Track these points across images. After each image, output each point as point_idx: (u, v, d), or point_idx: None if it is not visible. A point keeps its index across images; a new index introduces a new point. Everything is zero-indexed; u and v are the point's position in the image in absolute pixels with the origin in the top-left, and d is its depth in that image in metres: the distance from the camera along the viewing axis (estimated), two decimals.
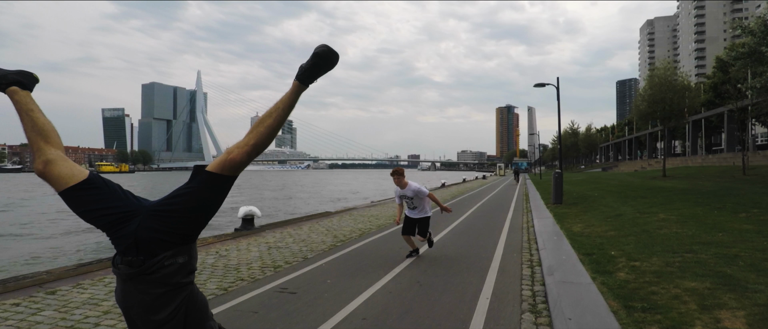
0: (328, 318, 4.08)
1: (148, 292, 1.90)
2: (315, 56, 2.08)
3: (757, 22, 14.30)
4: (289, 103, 2.07)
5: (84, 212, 1.91)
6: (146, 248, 1.86)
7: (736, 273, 4.65)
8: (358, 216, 13.31)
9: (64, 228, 16.27)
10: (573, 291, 4.55)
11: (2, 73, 2.06)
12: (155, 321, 1.94)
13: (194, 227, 1.96)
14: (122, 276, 1.90)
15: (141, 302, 1.91)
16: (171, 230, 1.89)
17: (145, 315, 1.93)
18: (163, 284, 1.91)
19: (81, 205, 1.90)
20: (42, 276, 6.23)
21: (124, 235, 1.87)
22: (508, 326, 3.82)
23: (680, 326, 3.32)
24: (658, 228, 8.03)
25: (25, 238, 14.57)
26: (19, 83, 2.07)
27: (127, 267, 1.86)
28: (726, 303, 3.73)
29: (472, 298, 4.65)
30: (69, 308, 4.53)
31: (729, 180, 19.10)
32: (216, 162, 1.98)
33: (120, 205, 1.91)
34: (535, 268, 5.97)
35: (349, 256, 7.10)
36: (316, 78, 2.14)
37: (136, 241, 1.85)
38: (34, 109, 2.04)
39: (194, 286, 2.08)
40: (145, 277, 1.87)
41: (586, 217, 10.80)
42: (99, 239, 13.29)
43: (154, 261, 1.87)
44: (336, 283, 5.38)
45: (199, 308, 2.10)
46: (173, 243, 1.92)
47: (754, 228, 7.29)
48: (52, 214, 21.07)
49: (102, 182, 1.96)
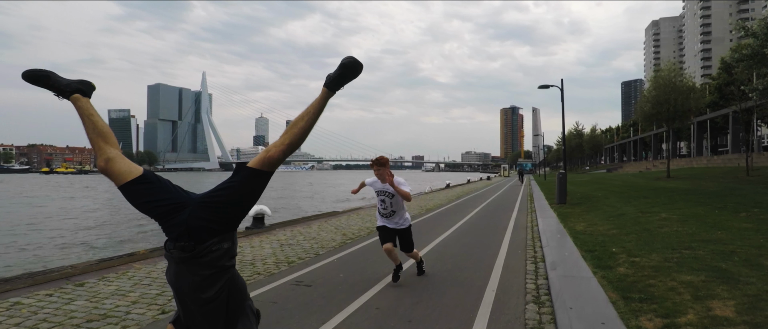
0: (344, 308, 4.35)
1: (197, 273, 2.18)
2: (342, 67, 2.35)
3: (759, 25, 14.47)
4: (319, 107, 2.35)
5: (140, 204, 2.19)
6: (197, 234, 2.14)
7: (731, 267, 4.88)
8: (365, 216, 13.57)
9: (70, 225, 16.65)
10: (575, 284, 4.79)
11: (66, 82, 2.34)
12: (203, 299, 2.22)
13: (237, 216, 2.24)
14: (175, 259, 2.18)
15: (191, 282, 2.19)
16: (218, 218, 2.17)
17: (194, 293, 2.21)
18: (210, 266, 2.20)
19: (138, 197, 2.18)
20: (67, 270, 6.54)
21: (176, 224, 2.15)
22: (513, 315, 4.07)
23: (673, 314, 3.56)
24: (659, 227, 8.25)
25: (31, 235, 14.94)
26: (81, 91, 2.35)
27: (181, 251, 2.14)
28: (718, 294, 3.97)
29: (479, 291, 4.90)
30: (99, 298, 4.82)
31: (733, 181, 19.23)
32: (256, 159, 2.26)
33: (171, 197, 2.19)
34: (538, 264, 6.21)
35: (359, 253, 7.36)
36: (342, 86, 2.42)
37: (187, 229, 2.13)
38: (93, 113, 2.31)
39: (235, 270, 2.36)
40: (196, 260, 2.15)
41: (589, 216, 11.02)
42: (98, 235, 13.63)
43: (204, 246, 2.15)
44: (348, 277, 5.64)
45: (240, 288, 2.38)
46: (219, 231, 2.20)
47: (752, 227, 7.50)
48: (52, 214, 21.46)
49: (155, 178, 2.24)
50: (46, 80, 2.28)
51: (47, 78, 2.28)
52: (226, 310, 2.31)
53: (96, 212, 22.89)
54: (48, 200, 31.51)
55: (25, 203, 28.92)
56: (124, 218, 19.03)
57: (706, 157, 45.16)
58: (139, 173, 2.20)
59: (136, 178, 2.18)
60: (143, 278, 5.76)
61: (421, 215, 13.46)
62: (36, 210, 24.13)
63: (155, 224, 2.24)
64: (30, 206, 26.59)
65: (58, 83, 2.31)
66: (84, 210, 24.11)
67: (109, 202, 29.51)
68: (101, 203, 29.51)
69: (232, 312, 2.34)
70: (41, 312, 4.35)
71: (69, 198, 33.81)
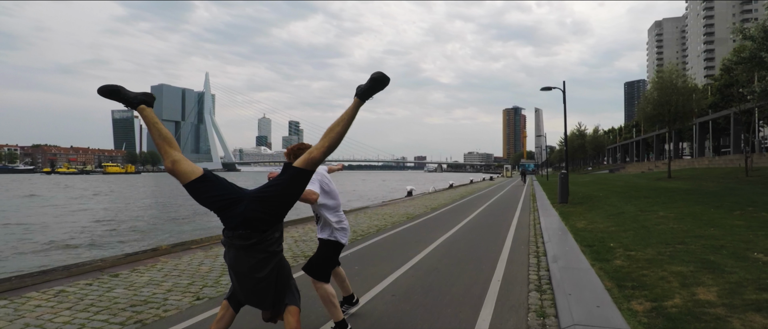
0: (362, 295, 4.75)
1: (253, 257, 2.60)
2: (372, 80, 2.77)
3: (757, 28, 14.81)
4: (351, 114, 2.78)
5: (202, 199, 2.61)
6: (252, 225, 2.56)
7: (719, 259, 5.27)
8: (372, 215, 13.98)
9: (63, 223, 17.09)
10: (574, 274, 5.19)
11: (133, 95, 2.76)
12: (257, 278, 2.65)
13: (284, 209, 2.67)
14: (235, 246, 2.60)
15: (248, 264, 2.62)
16: (269, 211, 2.59)
17: (249, 273, 2.64)
18: (264, 251, 2.62)
19: (200, 194, 2.60)
20: (98, 263, 6.97)
21: (233, 215, 2.57)
22: (517, 301, 4.47)
23: (661, 298, 3.96)
24: (656, 224, 8.63)
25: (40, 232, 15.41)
26: (145, 102, 2.77)
27: (239, 239, 2.56)
28: (703, 282, 4.36)
29: (485, 281, 5.30)
30: (136, 287, 5.25)
31: (732, 181, 19.56)
32: (301, 160, 2.68)
33: (228, 193, 2.61)
34: (540, 258, 6.61)
35: (370, 248, 7.77)
36: (371, 96, 2.84)
37: (244, 220, 2.55)
38: (157, 121, 2.73)
39: (282, 254, 2.79)
40: (252, 246, 2.57)
41: (590, 215, 11.40)
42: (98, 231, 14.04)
43: (263, 236, 2.58)
44: (362, 269, 6.05)
45: (286, 270, 2.81)
46: (270, 221, 2.62)
47: (745, 224, 7.88)
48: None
49: (213, 177, 2.66)
50: (117, 94, 2.70)
51: (118, 92, 2.69)
52: (275, 287, 2.73)
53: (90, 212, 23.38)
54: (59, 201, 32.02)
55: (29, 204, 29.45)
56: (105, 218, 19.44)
57: (708, 158, 45.39)
58: (200, 173, 2.62)
59: (198, 177, 2.60)
60: (172, 270, 6.18)
61: (426, 213, 13.86)
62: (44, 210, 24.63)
63: (145, 221, 2.66)
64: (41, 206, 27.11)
65: (127, 95, 2.72)
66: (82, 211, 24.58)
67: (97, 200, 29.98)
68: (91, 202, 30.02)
69: (280, 289, 2.76)
70: (87, 299, 4.78)
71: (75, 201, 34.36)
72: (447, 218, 12.59)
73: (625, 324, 3.43)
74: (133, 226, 17.27)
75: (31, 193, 39.99)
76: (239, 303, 2.86)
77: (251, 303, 2.79)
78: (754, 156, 31.92)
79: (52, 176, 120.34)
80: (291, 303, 2.77)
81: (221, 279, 5.66)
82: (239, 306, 2.88)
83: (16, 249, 12.14)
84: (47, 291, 5.10)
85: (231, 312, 2.86)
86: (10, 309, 4.43)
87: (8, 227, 17.13)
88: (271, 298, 2.74)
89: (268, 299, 2.74)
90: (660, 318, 3.52)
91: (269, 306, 2.77)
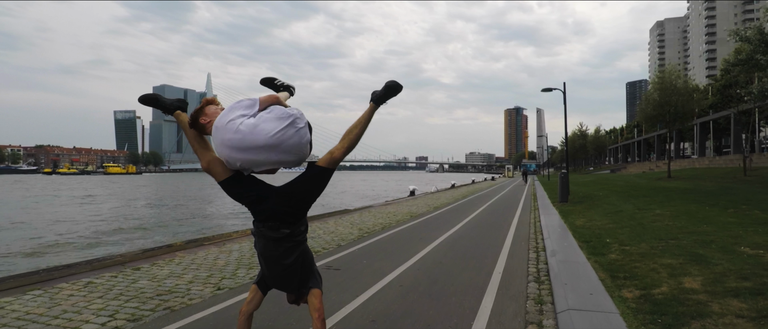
0: (371, 286, 5.09)
1: (281, 246, 2.94)
2: (386, 88, 3.10)
3: (753, 31, 15.11)
4: (367, 118, 3.11)
5: (234, 195, 2.94)
6: (279, 218, 2.89)
7: (707, 253, 5.59)
8: (376, 213, 14.31)
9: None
10: (571, 267, 5.51)
11: (169, 102, 3.09)
12: (284, 265, 2.99)
13: (307, 204, 2.99)
14: (264, 236, 2.93)
15: (276, 252, 2.95)
16: (293, 205, 2.92)
17: (277, 260, 2.97)
18: (291, 241, 2.96)
19: (232, 190, 2.93)
20: (118, 258, 7.32)
21: (262, 209, 2.90)
22: (517, 291, 4.80)
23: (650, 286, 4.28)
24: (652, 222, 8.94)
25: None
26: (180, 108, 3.10)
27: (269, 230, 2.89)
28: (690, 272, 4.69)
29: (487, 273, 5.63)
30: (158, 279, 5.59)
31: (730, 181, 19.84)
32: (323, 159, 3.01)
33: (256, 190, 2.94)
34: (540, 253, 6.93)
35: (377, 244, 8.11)
36: (385, 101, 3.17)
37: (272, 213, 2.88)
38: (188, 126, 3.05)
39: (306, 243, 3.12)
40: (281, 237, 2.91)
41: (589, 213, 11.71)
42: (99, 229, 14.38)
43: (292, 227, 2.91)
44: (371, 263, 6.38)
45: (309, 257, 3.15)
46: (295, 215, 2.94)
47: (736, 221, 8.19)
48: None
49: (244, 176, 2.98)
50: (155, 102, 3.04)
51: (156, 100, 3.04)
52: (300, 273, 3.07)
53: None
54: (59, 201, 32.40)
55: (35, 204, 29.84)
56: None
57: (709, 157, 45.62)
58: (232, 172, 2.95)
59: (230, 176, 2.93)
60: (189, 264, 6.52)
61: (429, 212, 14.18)
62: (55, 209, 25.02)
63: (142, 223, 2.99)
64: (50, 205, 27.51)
65: (164, 103, 3.07)
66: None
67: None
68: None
69: (304, 274, 3.10)
70: (115, 289, 5.12)
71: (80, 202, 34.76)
72: (450, 216, 12.92)
73: (614, 308, 3.76)
74: (139, 224, 17.64)
75: (88, 194, 40.27)
76: (267, 286, 3.20)
77: (278, 287, 3.12)
78: (753, 156, 32.17)
79: (53, 176, 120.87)
80: (314, 287, 3.10)
81: (238, 272, 6.00)
82: (267, 289, 3.21)
83: (62, 239, 12.51)
84: (76, 283, 5.45)
85: (260, 294, 3.19)
86: (46, 298, 4.77)
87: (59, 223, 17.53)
88: (296, 283, 3.07)
89: (293, 283, 3.07)
90: (647, 303, 3.85)
91: (294, 289, 3.10)
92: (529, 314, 4.02)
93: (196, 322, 3.97)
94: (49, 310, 4.36)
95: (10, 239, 14.04)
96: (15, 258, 10.92)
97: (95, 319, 4.08)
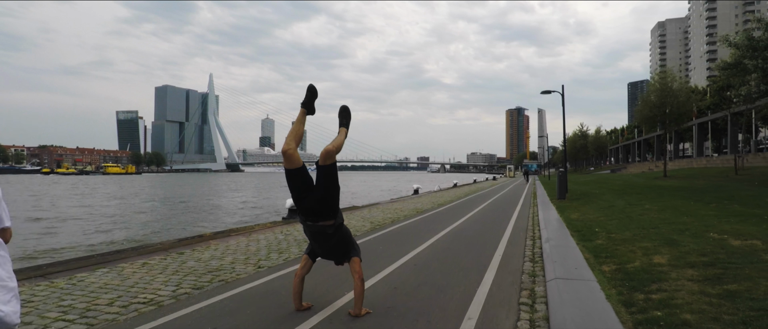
0: (390, 265, 5.94)
1: (324, 232, 3.78)
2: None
3: (741, 37, 15.92)
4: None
5: (290, 186, 3.78)
6: (315, 215, 3.72)
7: (680, 238, 6.43)
8: (384, 209, 15.16)
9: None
10: (561, 250, 6.36)
11: (306, 99, 3.97)
12: (328, 244, 3.83)
13: (333, 199, 3.78)
14: (309, 227, 3.78)
15: (320, 235, 3.78)
16: (323, 204, 3.74)
17: (323, 241, 3.82)
18: (331, 228, 3.78)
19: (290, 181, 3.77)
20: (157, 246, 8.19)
21: (301, 207, 3.75)
22: (515, 267, 5.65)
23: (625, 262, 5.13)
24: (639, 215, 9.78)
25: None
26: (308, 107, 3.98)
27: (311, 222, 3.73)
28: (660, 252, 5.53)
29: (489, 256, 6.48)
30: (203, 260, 6.45)
31: (722, 179, 20.66)
32: (321, 158, 3.81)
33: (303, 187, 3.78)
34: (536, 240, 7.78)
35: (389, 234, 8.96)
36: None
37: (309, 211, 3.71)
38: (303, 123, 3.93)
39: (343, 224, 3.95)
40: (321, 227, 3.75)
41: (584, 208, 12.55)
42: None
43: (329, 220, 3.74)
44: (386, 249, 7.23)
45: (347, 232, 4.00)
46: (329, 212, 3.75)
47: (714, 214, 9.03)
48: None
49: (303, 172, 3.81)
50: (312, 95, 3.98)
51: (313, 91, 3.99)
52: (342, 247, 3.92)
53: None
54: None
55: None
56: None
57: (706, 158, 46.39)
58: (299, 166, 3.78)
59: (294, 169, 3.77)
60: (225, 250, 7.38)
61: (433, 208, 15.03)
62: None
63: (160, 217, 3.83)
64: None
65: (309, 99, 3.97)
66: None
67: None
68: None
69: (345, 247, 3.95)
70: (169, 268, 5.98)
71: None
72: (454, 212, 13.76)
73: (593, 277, 4.60)
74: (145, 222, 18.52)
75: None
76: (316, 255, 4.06)
77: (326, 258, 3.99)
78: (749, 156, 32.96)
79: (52, 176, 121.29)
80: (355, 255, 3.95)
81: (270, 255, 6.85)
82: (315, 257, 4.07)
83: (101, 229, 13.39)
84: (134, 263, 6.31)
85: (310, 262, 4.06)
86: (114, 274, 5.64)
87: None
88: (340, 255, 3.94)
89: (337, 255, 3.94)
90: (620, 273, 4.69)
91: (339, 260, 3.97)
92: (524, 283, 4.87)
93: (249, 290, 4.82)
94: (122, 282, 5.22)
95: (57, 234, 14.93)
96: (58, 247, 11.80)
97: (165, 288, 4.94)
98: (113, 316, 3.99)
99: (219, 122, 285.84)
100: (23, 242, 12.77)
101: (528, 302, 4.19)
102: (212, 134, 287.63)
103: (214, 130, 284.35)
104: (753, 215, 8.56)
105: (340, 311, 4.02)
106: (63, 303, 4.39)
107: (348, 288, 4.64)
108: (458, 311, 3.92)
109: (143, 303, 4.37)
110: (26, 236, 14.17)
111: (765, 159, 30.22)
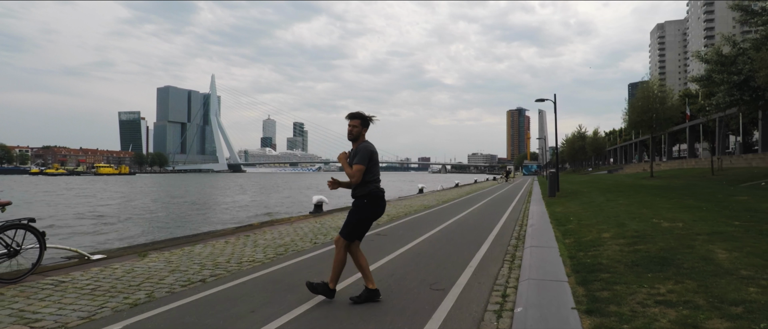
0: (410, 242, 8.00)
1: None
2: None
3: (711, 53, 17.98)
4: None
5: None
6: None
7: (629, 222, 8.51)
8: (393, 206, 17.23)
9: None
10: (540, 231, 8.43)
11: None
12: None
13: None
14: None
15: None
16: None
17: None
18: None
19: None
20: (221, 231, 10.27)
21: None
22: (503, 243, 7.73)
23: (580, 237, 7.21)
24: (611, 208, 11.84)
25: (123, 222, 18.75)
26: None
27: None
28: (608, 230, 7.61)
29: (486, 236, 8.55)
30: (269, 240, 8.51)
31: (699, 179, 22.73)
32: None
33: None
34: (523, 227, 9.86)
35: (405, 223, 11.03)
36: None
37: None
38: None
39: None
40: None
41: (568, 204, 14.62)
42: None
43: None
44: (406, 233, 9.30)
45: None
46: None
47: (669, 206, 11.10)
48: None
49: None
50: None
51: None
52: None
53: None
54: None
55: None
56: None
57: (696, 158, 48.47)
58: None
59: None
60: (277, 234, 9.44)
61: (439, 204, 17.11)
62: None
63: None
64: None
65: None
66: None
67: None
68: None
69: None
70: (248, 244, 8.04)
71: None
72: (457, 207, 15.83)
73: (556, 246, 6.68)
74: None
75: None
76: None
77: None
78: (734, 158, 35.02)
79: (40, 176, 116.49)
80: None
81: (318, 237, 8.90)
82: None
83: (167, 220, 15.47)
84: (218, 242, 8.37)
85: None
86: (209, 248, 7.69)
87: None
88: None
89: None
90: (576, 243, 6.77)
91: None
92: (508, 251, 6.95)
93: (315, 256, 6.89)
94: (222, 252, 7.28)
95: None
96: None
97: (256, 255, 7.01)
98: (236, 267, 6.05)
99: (221, 123, 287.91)
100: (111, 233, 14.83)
101: (509, 260, 6.27)
102: (214, 134, 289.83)
103: (215, 130, 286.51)
104: (697, 207, 10.63)
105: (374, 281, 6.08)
106: (193, 261, 6.45)
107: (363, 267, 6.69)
108: (463, 263, 5.99)
109: (250, 262, 6.44)
110: (101, 231, 16.26)
111: (746, 161, 32.27)
